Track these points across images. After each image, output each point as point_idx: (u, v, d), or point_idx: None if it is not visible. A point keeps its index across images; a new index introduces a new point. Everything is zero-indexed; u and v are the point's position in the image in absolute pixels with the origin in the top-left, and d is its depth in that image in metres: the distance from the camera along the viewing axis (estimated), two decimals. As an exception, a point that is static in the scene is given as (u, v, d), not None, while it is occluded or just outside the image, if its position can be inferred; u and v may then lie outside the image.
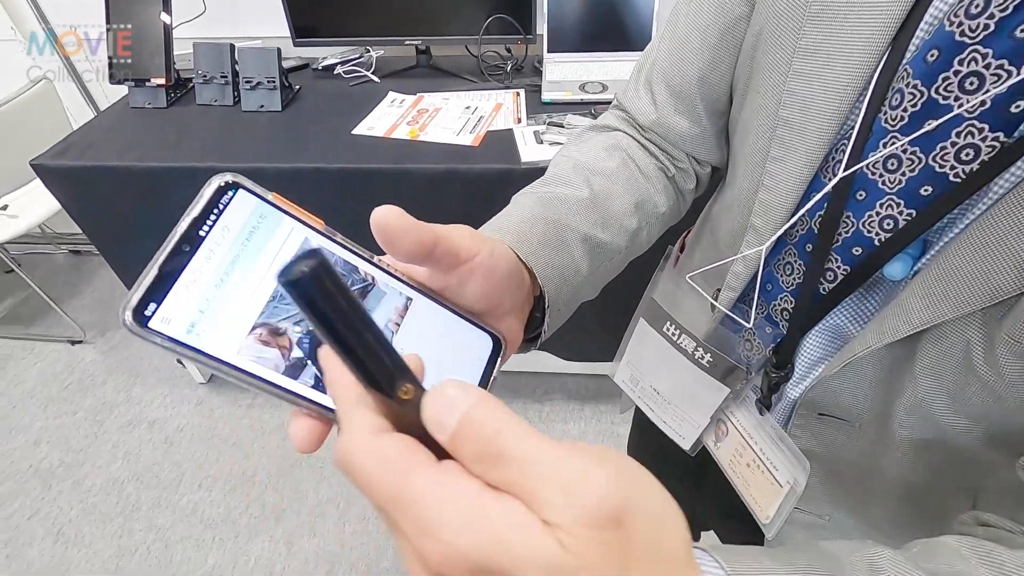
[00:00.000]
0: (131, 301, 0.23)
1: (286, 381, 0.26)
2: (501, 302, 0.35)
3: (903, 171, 0.36)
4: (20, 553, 1.58)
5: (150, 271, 0.23)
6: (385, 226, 0.28)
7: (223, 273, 0.25)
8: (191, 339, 0.24)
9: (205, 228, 0.25)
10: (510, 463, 0.19)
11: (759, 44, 0.44)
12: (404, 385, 0.21)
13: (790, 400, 0.50)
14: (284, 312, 0.27)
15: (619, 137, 0.55)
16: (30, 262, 2.55)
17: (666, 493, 0.21)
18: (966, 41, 0.31)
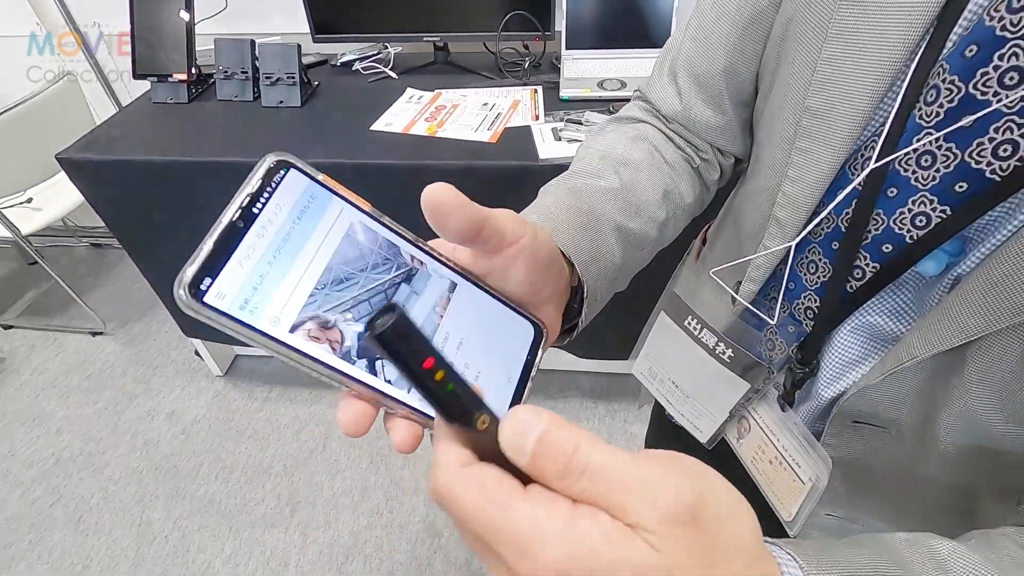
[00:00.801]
0: (186, 276, 0.22)
1: (338, 362, 0.26)
2: (542, 289, 0.35)
3: (937, 167, 0.35)
4: (43, 539, 1.62)
5: (205, 246, 0.23)
6: (440, 203, 0.27)
7: (275, 251, 0.25)
8: (244, 316, 0.23)
9: (259, 205, 0.25)
10: (591, 476, 0.20)
11: (788, 32, 0.43)
12: (481, 416, 0.23)
13: (822, 400, 0.49)
14: (335, 298, 0.27)
15: (643, 128, 0.55)
16: (53, 254, 2.60)
17: (732, 488, 0.23)
18: (1007, 36, 0.30)
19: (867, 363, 0.45)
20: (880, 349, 0.44)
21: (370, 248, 0.28)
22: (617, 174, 0.48)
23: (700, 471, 0.22)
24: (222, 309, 0.23)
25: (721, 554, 0.21)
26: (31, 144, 1.77)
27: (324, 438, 1.83)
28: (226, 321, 0.23)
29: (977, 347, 0.35)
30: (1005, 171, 0.32)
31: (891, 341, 0.43)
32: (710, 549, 0.20)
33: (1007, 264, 0.32)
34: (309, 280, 0.26)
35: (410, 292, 0.29)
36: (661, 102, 0.55)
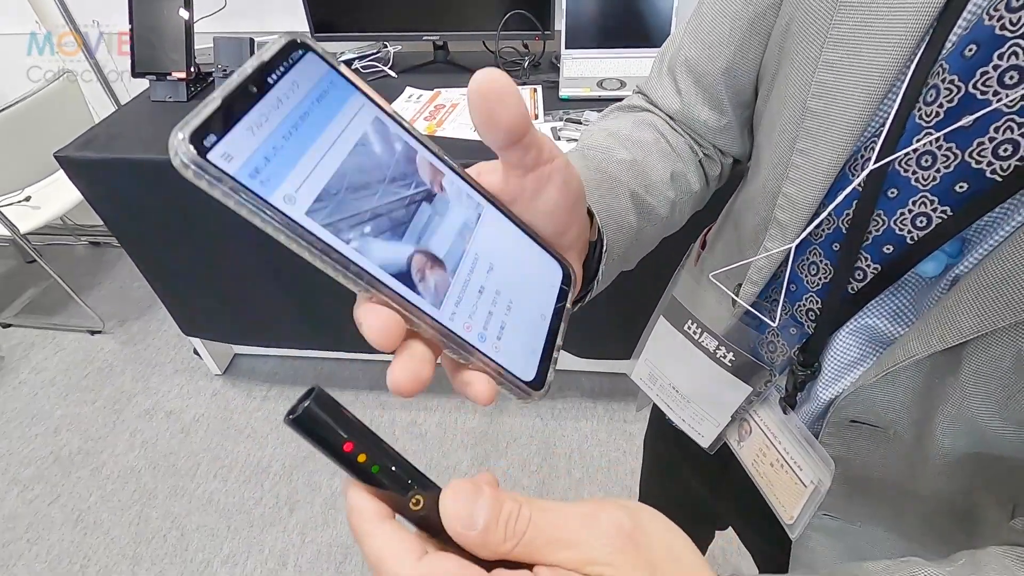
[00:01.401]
0: (189, 124, 0.19)
1: (361, 258, 0.23)
2: (568, 228, 0.33)
3: (937, 167, 0.35)
4: (41, 538, 1.61)
5: (212, 100, 0.20)
6: (497, 87, 0.25)
7: (291, 127, 0.22)
8: (255, 185, 0.20)
9: (274, 76, 0.22)
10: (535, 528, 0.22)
11: (788, 34, 0.43)
12: (414, 496, 0.23)
13: (821, 401, 0.49)
14: (354, 196, 0.24)
15: (647, 116, 0.55)
16: (51, 253, 2.59)
17: (663, 516, 0.24)
18: (1006, 35, 0.30)
19: (864, 364, 0.45)
20: (878, 351, 0.44)
21: (391, 152, 0.26)
22: (627, 150, 0.48)
23: (635, 504, 0.24)
24: (228, 172, 0.20)
25: (663, 569, 0.22)
26: (30, 142, 1.77)
27: (323, 437, 1.83)
28: (231, 186, 0.20)
29: (974, 347, 0.35)
30: (1006, 171, 0.32)
31: (889, 343, 0.43)
32: (652, 565, 0.22)
33: (1004, 264, 0.32)
34: (328, 167, 0.23)
35: (432, 212, 0.27)
36: (661, 101, 0.55)
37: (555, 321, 0.30)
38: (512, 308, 0.28)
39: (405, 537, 0.22)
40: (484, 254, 0.28)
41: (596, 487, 1.68)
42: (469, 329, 0.25)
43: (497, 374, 0.26)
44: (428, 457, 1.76)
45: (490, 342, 0.26)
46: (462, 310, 0.25)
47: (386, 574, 0.21)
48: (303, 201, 0.22)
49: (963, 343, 0.35)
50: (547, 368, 0.28)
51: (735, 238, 0.57)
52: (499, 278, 0.28)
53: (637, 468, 0.98)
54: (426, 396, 1.92)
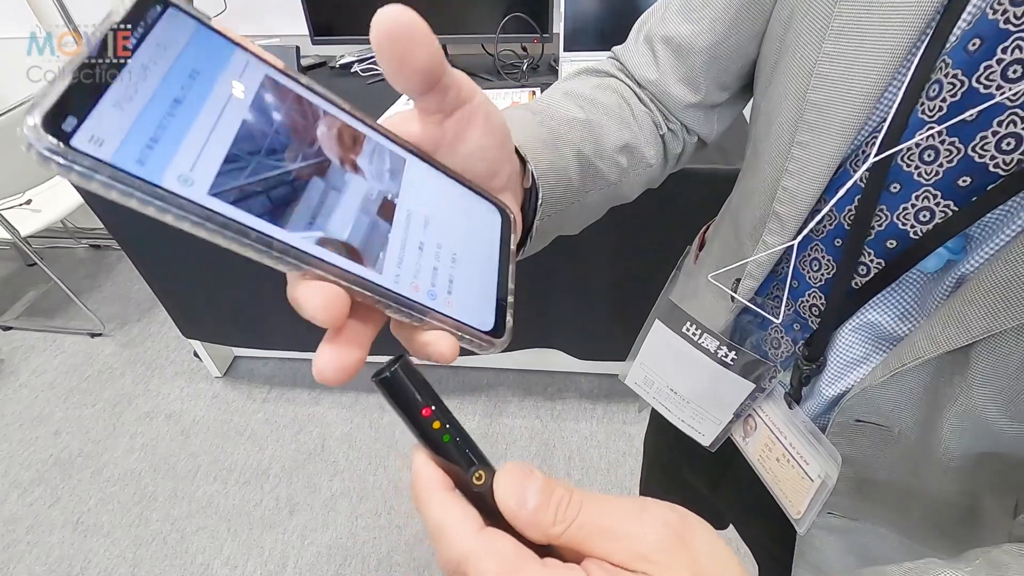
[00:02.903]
0: (38, 107, 0.16)
1: (281, 232, 0.21)
2: (499, 169, 0.31)
3: (940, 162, 0.35)
4: (41, 540, 1.61)
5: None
6: (406, 26, 0.23)
7: (168, 96, 0.19)
8: (139, 169, 0.18)
9: (132, 40, 0.19)
10: (585, 514, 0.22)
11: (790, 26, 0.42)
12: (477, 471, 0.23)
13: (825, 398, 0.49)
14: (259, 166, 0.21)
15: (614, 82, 0.53)
16: (51, 256, 2.60)
17: (711, 527, 0.24)
18: (1010, 29, 0.30)
19: (870, 362, 0.45)
20: (882, 348, 0.44)
21: (291, 113, 0.23)
22: (581, 109, 0.46)
23: (675, 505, 0.24)
24: (101, 157, 0.17)
25: (708, 573, 0.22)
26: (30, 145, 1.77)
27: (323, 439, 1.83)
28: (108, 177, 0.17)
29: (982, 347, 0.35)
30: (1009, 165, 0.32)
31: (893, 340, 0.43)
32: (699, 569, 0.22)
33: (1012, 264, 0.32)
34: (222, 138, 0.20)
35: (351, 173, 0.24)
36: (636, 68, 0.53)
37: (503, 265, 0.29)
38: (457, 259, 0.26)
39: (467, 508, 0.23)
40: (417, 209, 0.26)
41: (596, 489, 1.67)
42: (417, 289, 0.24)
43: (455, 329, 0.25)
44: (428, 459, 1.76)
45: (441, 298, 0.25)
46: (405, 270, 0.24)
47: (447, 539, 0.22)
48: (202, 180, 0.19)
49: (971, 343, 0.35)
50: (504, 314, 0.27)
51: (734, 235, 0.56)
52: (437, 231, 0.26)
53: (637, 469, 0.98)
54: (426, 398, 1.91)
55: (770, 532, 0.59)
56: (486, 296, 0.27)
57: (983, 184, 0.33)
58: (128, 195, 0.17)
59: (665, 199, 0.95)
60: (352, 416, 1.89)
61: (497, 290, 0.28)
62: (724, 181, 0.63)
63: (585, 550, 0.22)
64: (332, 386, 0.24)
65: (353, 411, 1.91)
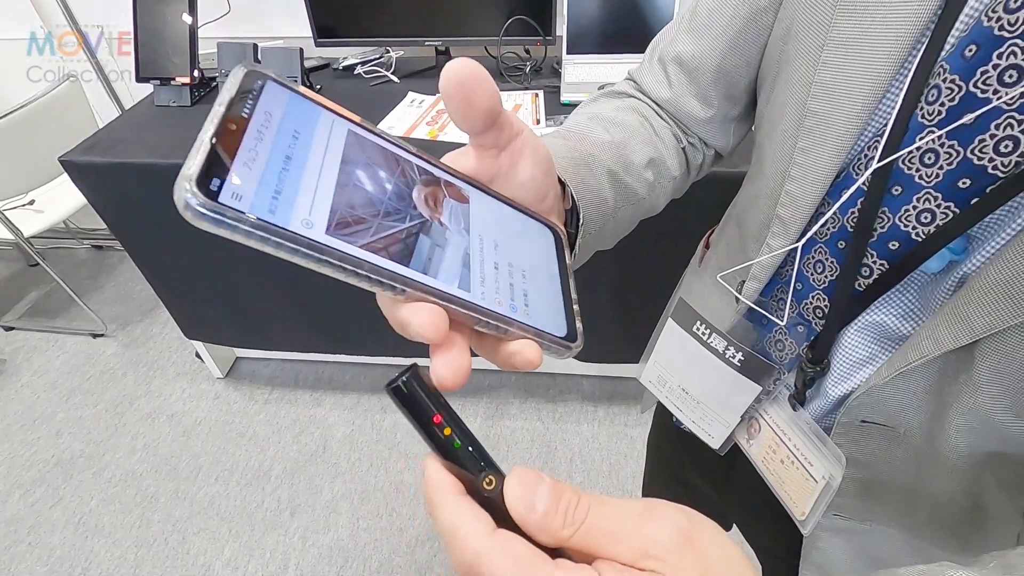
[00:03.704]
0: (190, 172, 0.19)
1: (388, 263, 0.23)
2: (546, 194, 0.34)
3: (940, 164, 0.36)
4: (42, 541, 1.61)
5: (202, 144, 0.20)
6: (471, 74, 0.26)
7: (282, 155, 0.22)
8: (273, 218, 0.20)
9: (246, 110, 0.22)
10: (593, 518, 0.23)
11: (789, 36, 0.44)
12: (487, 476, 0.24)
13: (830, 399, 0.49)
14: (358, 204, 0.24)
15: (634, 102, 0.56)
16: (54, 256, 2.60)
17: (722, 529, 0.24)
18: (1005, 35, 0.31)
19: (875, 363, 0.45)
20: (887, 349, 0.44)
21: (375, 159, 0.26)
22: (607, 131, 0.49)
23: (679, 506, 0.24)
24: (244, 210, 0.20)
25: (717, 572, 0.22)
26: (34, 146, 1.78)
27: (324, 441, 1.83)
28: (250, 227, 0.20)
29: (986, 345, 0.35)
30: (1007, 166, 0.33)
31: (898, 340, 0.43)
32: (707, 567, 0.22)
33: (1013, 263, 0.33)
34: (327, 186, 0.23)
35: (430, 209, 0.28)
36: (651, 88, 0.56)
37: (563, 278, 0.32)
38: (527, 275, 0.29)
39: (478, 511, 0.23)
40: (486, 234, 0.29)
41: (597, 491, 1.67)
42: (500, 303, 0.27)
43: (537, 337, 0.27)
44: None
45: (521, 310, 0.27)
46: (488, 288, 0.27)
47: (460, 542, 0.22)
48: (319, 222, 0.22)
49: (975, 341, 0.35)
50: (574, 321, 0.30)
51: (739, 237, 0.57)
52: (506, 252, 0.29)
53: (638, 471, 0.98)
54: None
55: (775, 533, 0.59)
56: (556, 306, 0.30)
57: (983, 186, 0.34)
58: (264, 241, 0.20)
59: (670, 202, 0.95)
60: (354, 418, 1.89)
61: (563, 300, 0.31)
62: (728, 184, 0.64)
63: (595, 552, 0.22)
64: (452, 391, 0.25)
65: (355, 413, 1.91)
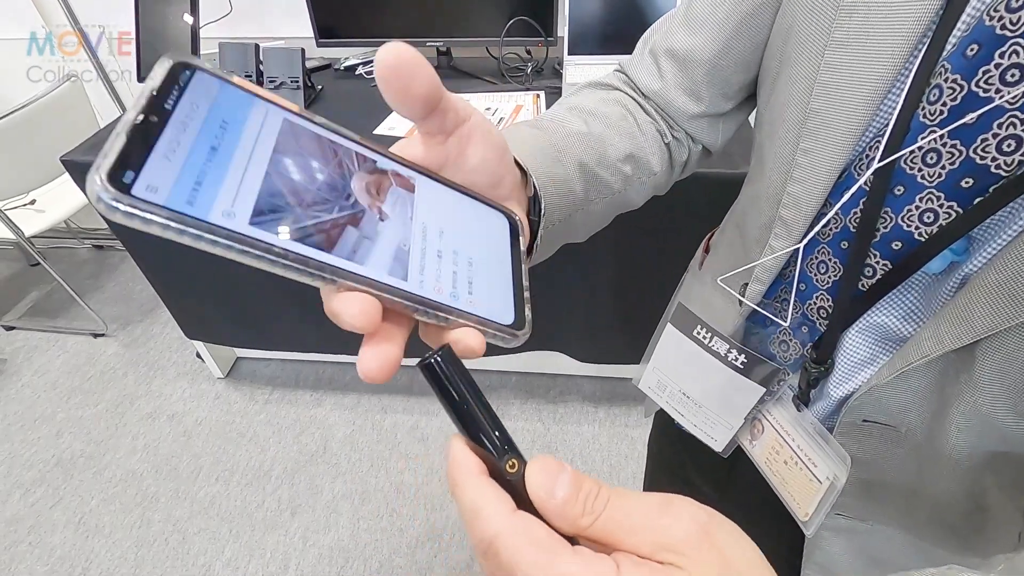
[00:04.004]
0: (102, 165, 0.19)
1: (317, 252, 0.23)
2: (502, 177, 0.34)
3: (943, 164, 0.36)
4: (43, 541, 1.61)
5: (117, 137, 0.20)
6: (404, 60, 0.25)
7: (206, 145, 0.22)
8: (190, 209, 0.20)
9: (170, 101, 0.22)
10: (612, 508, 0.23)
11: (790, 36, 0.44)
12: (510, 459, 0.24)
13: (832, 399, 0.49)
14: (288, 195, 0.24)
15: (619, 95, 0.55)
16: (54, 256, 2.61)
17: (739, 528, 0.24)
18: (1007, 34, 0.31)
19: (877, 363, 0.45)
20: (889, 349, 0.44)
21: (310, 148, 0.26)
22: (585, 123, 0.48)
23: (699, 503, 0.24)
24: (159, 202, 0.20)
25: (736, 568, 0.22)
26: (35, 146, 1.78)
27: (325, 441, 1.83)
28: (165, 218, 0.20)
29: (987, 345, 0.35)
30: (1010, 166, 0.33)
31: (899, 341, 0.43)
32: (726, 562, 0.22)
33: (1014, 263, 0.33)
34: (255, 176, 0.23)
35: (369, 195, 0.27)
36: (641, 80, 0.55)
37: (516, 265, 0.31)
38: (473, 263, 0.29)
39: (500, 492, 0.23)
40: (431, 221, 0.29)
41: (598, 492, 1.67)
42: (440, 291, 0.26)
43: (480, 325, 0.27)
44: (431, 461, 1.76)
45: (463, 298, 0.27)
46: (428, 276, 0.26)
47: (482, 521, 0.22)
48: (242, 213, 0.22)
49: (976, 341, 0.35)
50: (523, 308, 0.30)
51: (739, 240, 0.57)
52: (452, 239, 0.29)
53: (639, 472, 0.98)
54: (428, 400, 1.92)
55: (777, 534, 0.59)
56: (504, 293, 0.29)
57: (985, 185, 0.34)
58: (182, 232, 0.20)
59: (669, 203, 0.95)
60: (354, 418, 1.89)
61: (513, 287, 0.30)
62: (728, 186, 0.64)
63: (613, 543, 0.22)
64: (377, 383, 0.25)
65: (355, 413, 1.91)
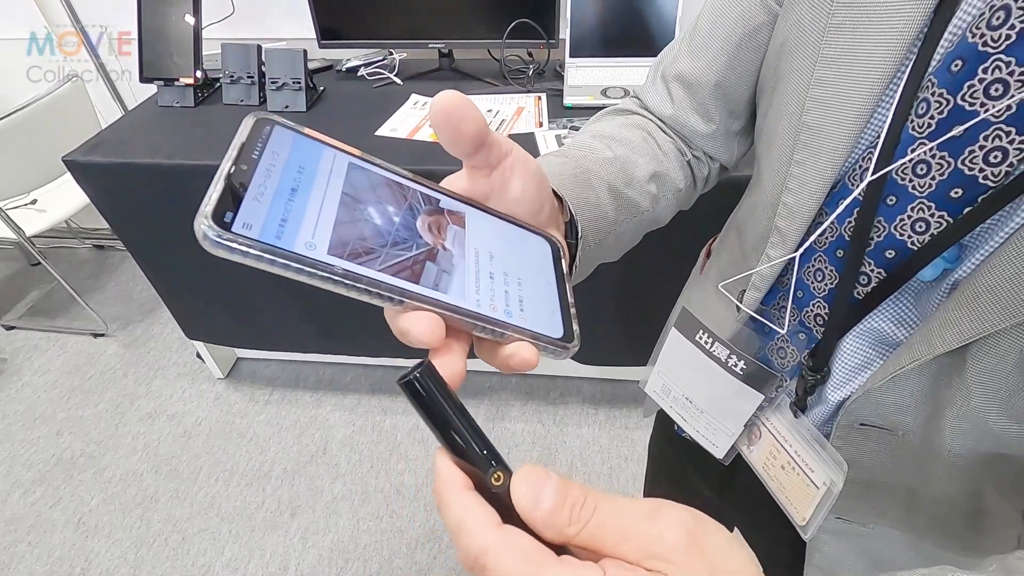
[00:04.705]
0: (207, 209, 0.22)
1: (386, 277, 0.26)
2: (542, 205, 0.36)
3: (932, 175, 0.37)
4: (42, 540, 1.61)
5: (217, 185, 0.23)
6: (457, 104, 0.28)
7: (289, 189, 0.26)
8: (279, 242, 0.23)
9: (256, 152, 0.26)
10: (600, 516, 0.23)
11: (783, 54, 0.45)
12: (495, 472, 0.24)
13: (830, 404, 0.50)
14: (358, 228, 0.27)
15: (638, 119, 0.58)
16: (55, 256, 2.61)
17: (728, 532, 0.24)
18: (989, 51, 0.32)
19: (871, 368, 0.46)
20: (883, 354, 0.45)
21: (373, 186, 0.30)
22: (610, 148, 0.51)
23: (687, 507, 0.24)
24: (254, 237, 0.23)
25: (726, 570, 0.22)
26: (37, 146, 1.78)
27: (325, 442, 1.83)
28: (259, 251, 0.23)
29: (977, 349, 0.36)
30: (997, 176, 0.34)
31: (893, 346, 0.44)
32: (715, 570, 0.22)
33: (1002, 268, 0.34)
34: (330, 211, 0.27)
35: (427, 225, 0.30)
36: (654, 106, 0.58)
37: (560, 284, 0.34)
38: (522, 283, 0.32)
39: (485, 506, 0.23)
40: (482, 247, 0.31)
41: (597, 494, 1.67)
42: (495, 309, 0.29)
43: (532, 339, 0.29)
44: (430, 462, 1.76)
45: (516, 315, 0.29)
46: (483, 295, 0.29)
47: (466, 535, 0.22)
48: (321, 244, 0.25)
49: (967, 345, 0.36)
50: (570, 323, 0.32)
51: (739, 247, 0.58)
52: (502, 262, 0.32)
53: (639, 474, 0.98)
54: (428, 401, 1.92)
55: (777, 537, 0.60)
56: (552, 310, 0.32)
57: (974, 195, 0.35)
58: (273, 263, 0.23)
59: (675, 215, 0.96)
60: (354, 419, 1.90)
61: (560, 304, 0.33)
62: (731, 190, 0.64)
63: (601, 550, 0.22)
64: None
65: (355, 414, 1.91)
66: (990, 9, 0.32)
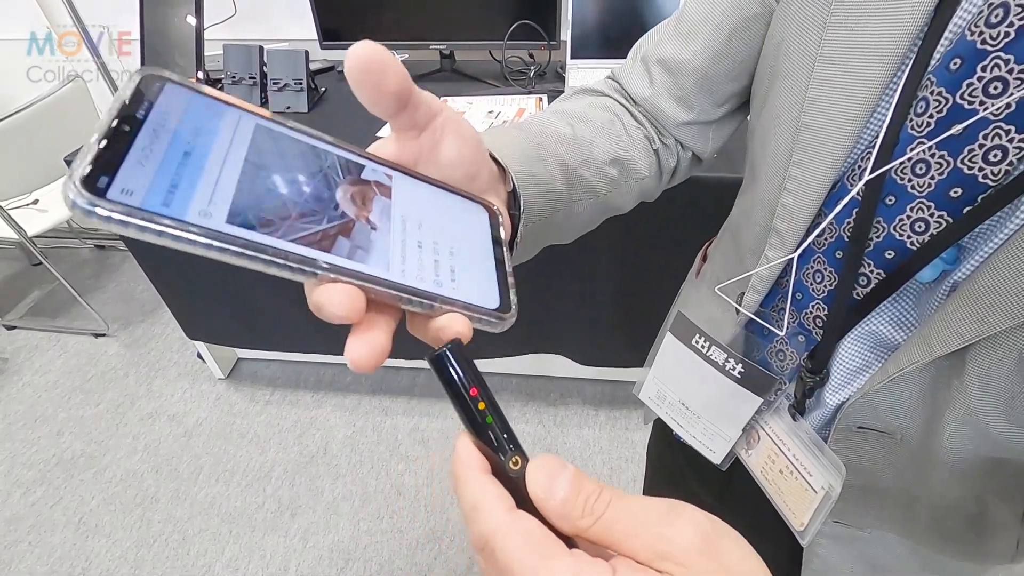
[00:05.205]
0: (76, 173, 0.20)
1: (296, 247, 0.24)
2: (478, 172, 0.34)
3: (931, 175, 0.36)
4: (43, 540, 1.62)
5: (90, 147, 0.21)
6: (376, 58, 0.26)
7: (179, 151, 0.23)
8: (166, 210, 0.21)
9: (142, 111, 0.23)
10: (614, 512, 0.22)
11: (780, 51, 0.44)
12: (514, 457, 0.24)
13: (828, 407, 0.49)
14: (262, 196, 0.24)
15: (608, 100, 0.56)
16: (56, 256, 2.61)
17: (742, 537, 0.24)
18: (987, 49, 0.32)
19: (871, 370, 0.45)
20: (882, 356, 0.44)
21: (284, 150, 0.27)
22: (570, 126, 0.48)
23: (704, 511, 0.23)
24: (134, 205, 0.20)
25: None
26: (38, 146, 1.78)
27: (325, 442, 1.83)
28: (142, 219, 0.20)
29: (976, 351, 0.36)
30: (996, 175, 0.33)
31: (892, 348, 0.43)
32: (729, 570, 0.21)
33: (1002, 269, 0.33)
34: (230, 177, 0.24)
35: (345, 193, 0.28)
36: (631, 86, 0.56)
37: (498, 252, 0.32)
38: (455, 252, 0.30)
39: (501, 490, 0.23)
40: (410, 215, 0.29)
41: (598, 495, 1.67)
42: (423, 280, 0.27)
43: (465, 310, 0.27)
44: (431, 463, 1.77)
45: (446, 285, 0.28)
46: (410, 265, 0.27)
47: (481, 516, 0.22)
48: (219, 212, 0.22)
49: (966, 347, 0.36)
50: (507, 293, 0.30)
51: (735, 250, 0.57)
52: (432, 230, 0.30)
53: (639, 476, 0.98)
54: (428, 402, 1.92)
55: (776, 541, 0.60)
56: (487, 279, 0.30)
57: (973, 195, 0.35)
58: (161, 234, 0.21)
59: (670, 206, 0.95)
60: (355, 419, 1.90)
61: (496, 273, 0.31)
62: (730, 189, 0.64)
63: (612, 547, 0.22)
64: (367, 372, 0.25)
65: (356, 414, 1.91)
66: (989, 7, 0.32)
